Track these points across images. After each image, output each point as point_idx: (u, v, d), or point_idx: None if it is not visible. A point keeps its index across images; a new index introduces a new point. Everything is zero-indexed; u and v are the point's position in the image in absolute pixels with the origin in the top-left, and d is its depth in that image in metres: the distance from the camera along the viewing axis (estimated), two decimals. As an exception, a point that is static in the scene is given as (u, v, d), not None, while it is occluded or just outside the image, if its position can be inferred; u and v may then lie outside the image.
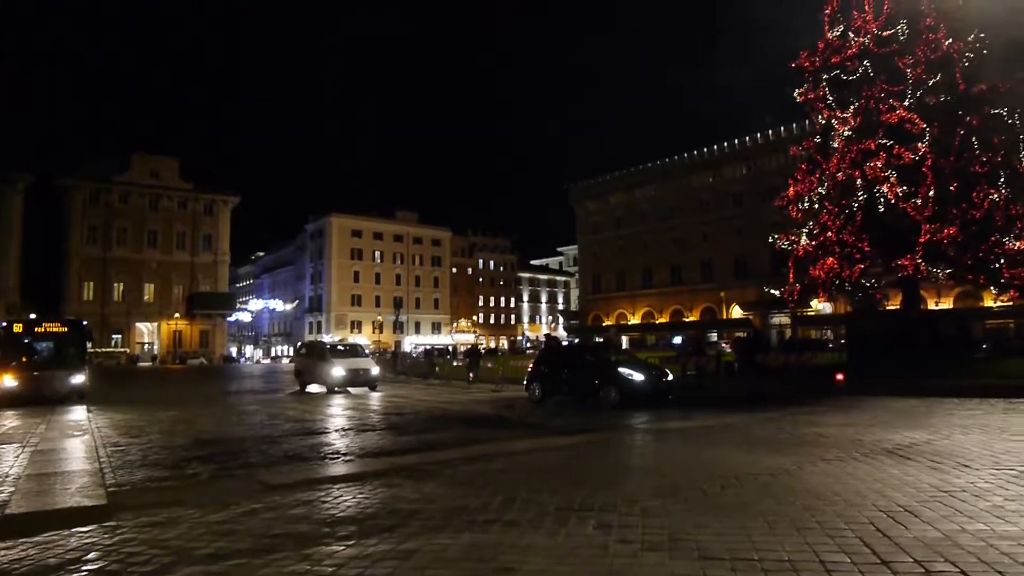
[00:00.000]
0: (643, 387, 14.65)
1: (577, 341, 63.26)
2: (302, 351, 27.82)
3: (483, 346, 75.82)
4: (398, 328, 79.80)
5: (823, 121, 23.04)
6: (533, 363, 17.98)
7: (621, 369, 15.00)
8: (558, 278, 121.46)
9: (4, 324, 19.37)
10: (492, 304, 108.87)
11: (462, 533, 4.65)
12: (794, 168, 24.56)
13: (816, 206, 22.52)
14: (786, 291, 23.62)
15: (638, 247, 72.28)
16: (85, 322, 21.28)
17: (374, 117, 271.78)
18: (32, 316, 22.99)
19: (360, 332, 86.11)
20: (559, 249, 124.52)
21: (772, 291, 25.77)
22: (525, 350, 77.20)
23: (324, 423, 12.83)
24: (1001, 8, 19.73)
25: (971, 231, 19.67)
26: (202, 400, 19.77)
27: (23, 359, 17.88)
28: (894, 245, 20.73)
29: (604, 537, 4.45)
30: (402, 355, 49.57)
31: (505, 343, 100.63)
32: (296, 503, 5.73)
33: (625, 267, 73.84)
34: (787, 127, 58.34)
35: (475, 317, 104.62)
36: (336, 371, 21.39)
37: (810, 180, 22.75)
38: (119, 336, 69.43)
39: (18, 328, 18.81)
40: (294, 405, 17.17)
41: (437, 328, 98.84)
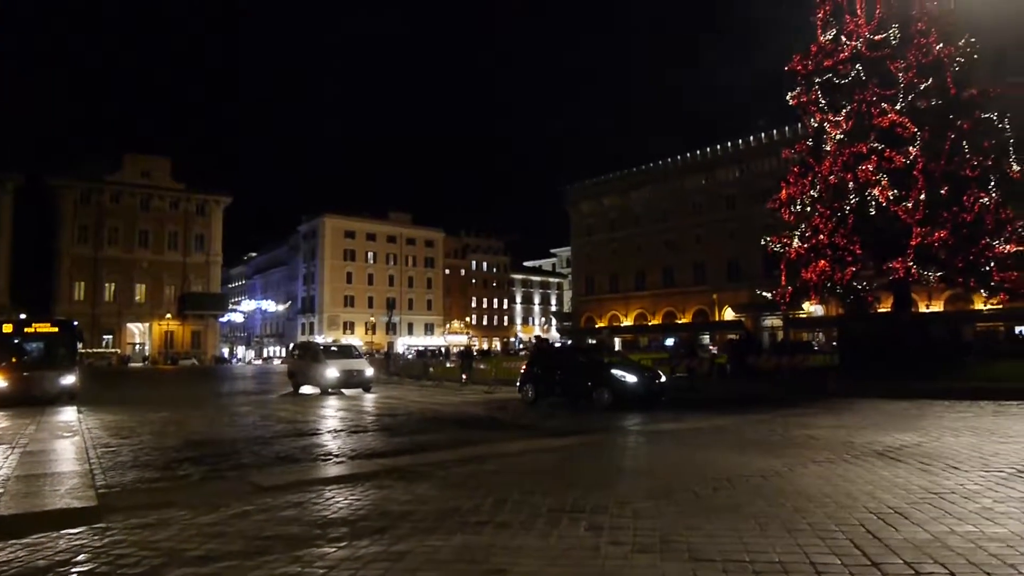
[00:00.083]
0: (636, 389, 14.67)
1: (570, 342, 63.33)
2: (295, 352, 27.69)
3: (476, 347, 75.91)
4: (391, 329, 79.78)
5: (815, 124, 23.15)
6: (526, 364, 17.97)
7: (614, 371, 15.01)
8: (551, 279, 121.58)
9: None
10: (485, 305, 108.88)
11: (454, 535, 4.65)
12: (787, 171, 24.68)
13: (808, 209, 22.62)
14: (778, 293, 23.73)
15: (631, 249, 72.44)
16: (76, 322, 21.13)
17: (374, 117, 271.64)
18: (22, 316, 22.87)
19: (353, 333, 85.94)
20: (552, 250, 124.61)
21: (764, 293, 25.86)
22: (518, 351, 77.36)
23: (316, 424, 12.80)
24: (991, 13, 19.94)
25: (961, 234, 19.81)
26: (193, 401, 19.68)
27: (13, 359, 17.77)
28: (885, 248, 20.86)
29: (596, 539, 4.46)
30: (395, 356, 49.56)
31: (498, 344, 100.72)
32: (288, 505, 5.72)
33: (618, 269, 73.98)
34: (780, 130, 58.66)
35: (468, 318, 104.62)
36: (330, 372, 21.29)
37: (802, 183, 22.86)
38: (110, 336, 69.10)
39: (8, 328, 18.66)
40: (286, 406, 17.10)
41: (430, 329, 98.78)
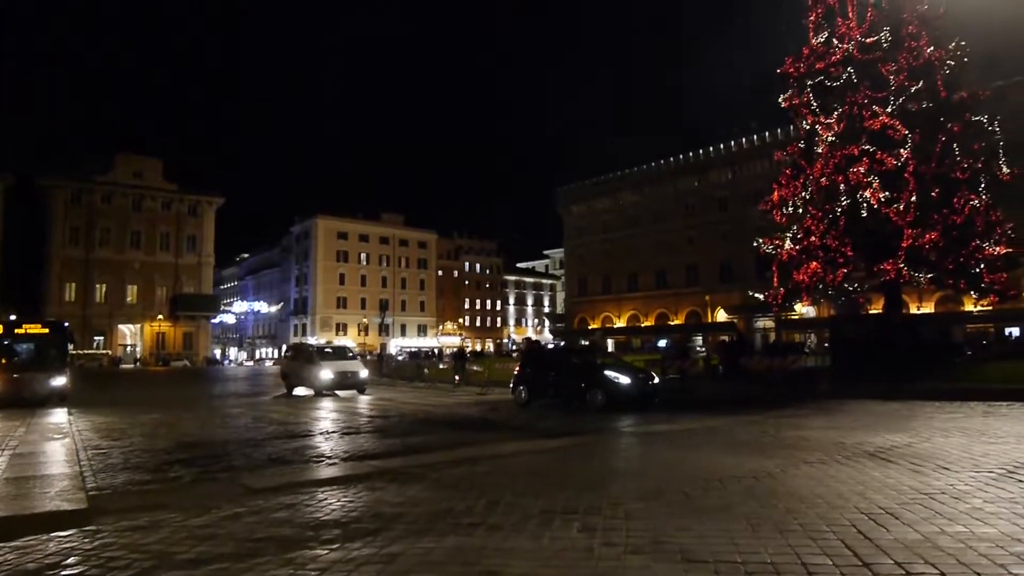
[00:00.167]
0: (629, 390, 14.69)
1: (563, 344, 63.32)
2: (289, 353, 27.61)
3: (469, 349, 75.84)
4: (384, 331, 79.64)
5: (807, 127, 23.23)
6: (519, 366, 17.98)
7: (607, 372, 15.03)
8: (544, 281, 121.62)
9: None
10: (478, 307, 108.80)
11: (446, 536, 4.64)
12: (779, 173, 24.75)
13: (800, 211, 22.71)
14: (770, 295, 23.81)
15: (624, 251, 72.52)
16: (67, 324, 21.02)
17: (373, 118, 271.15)
18: (12, 317, 22.72)
19: (346, 334, 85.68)
20: (545, 252, 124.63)
21: (756, 295, 25.97)
22: (511, 353, 77.30)
23: (309, 426, 12.76)
24: (981, 17, 20.09)
25: (952, 236, 19.93)
26: (185, 403, 19.59)
27: (3, 361, 17.68)
28: (877, 250, 20.95)
29: (588, 540, 4.46)
30: (388, 357, 49.46)
31: (491, 346, 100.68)
32: (279, 507, 5.70)
33: (611, 270, 74.07)
34: (772, 132, 58.87)
35: (461, 320, 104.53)
36: (324, 374, 21.23)
37: (794, 185, 22.94)
38: (101, 338, 68.62)
39: None
40: (279, 408, 17.05)
41: (423, 331, 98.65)
